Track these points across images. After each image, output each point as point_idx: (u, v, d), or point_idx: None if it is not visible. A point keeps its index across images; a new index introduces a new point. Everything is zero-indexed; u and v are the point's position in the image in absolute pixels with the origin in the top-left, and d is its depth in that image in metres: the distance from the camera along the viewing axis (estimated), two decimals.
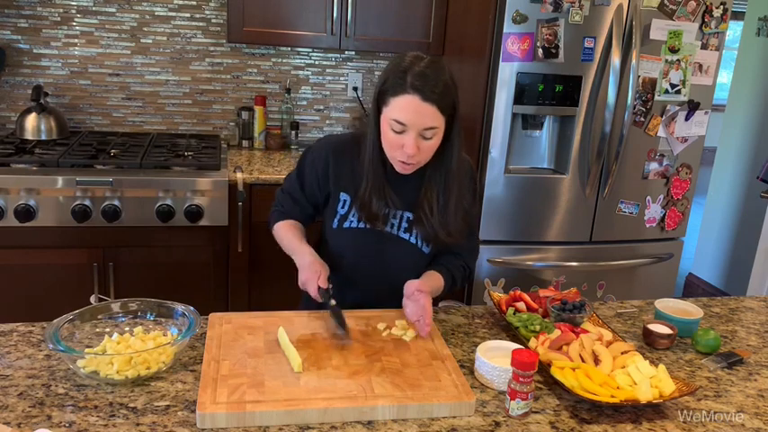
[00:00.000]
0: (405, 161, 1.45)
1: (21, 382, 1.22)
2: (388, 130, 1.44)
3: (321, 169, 1.61)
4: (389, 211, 1.57)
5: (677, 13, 2.53)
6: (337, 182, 1.60)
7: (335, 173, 1.60)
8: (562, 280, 2.71)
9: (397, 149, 1.44)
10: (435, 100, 1.39)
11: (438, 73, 1.42)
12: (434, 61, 1.45)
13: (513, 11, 2.38)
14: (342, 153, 1.59)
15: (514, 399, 1.19)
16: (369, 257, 1.60)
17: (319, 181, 1.62)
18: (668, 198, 2.76)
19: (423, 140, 1.43)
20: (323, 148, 1.63)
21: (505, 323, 1.57)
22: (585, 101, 2.55)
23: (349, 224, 1.59)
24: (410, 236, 1.59)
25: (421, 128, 1.41)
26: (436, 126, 1.42)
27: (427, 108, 1.39)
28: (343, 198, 1.60)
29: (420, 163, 1.48)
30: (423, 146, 1.44)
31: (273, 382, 1.21)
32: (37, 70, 2.92)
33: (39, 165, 2.45)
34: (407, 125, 1.40)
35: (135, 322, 1.40)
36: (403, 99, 1.39)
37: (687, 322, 1.56)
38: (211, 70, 3.07)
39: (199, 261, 2.60)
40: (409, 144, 1.41)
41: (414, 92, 1.38)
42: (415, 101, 1.39)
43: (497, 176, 2.56)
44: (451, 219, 1.54)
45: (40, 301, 2.46)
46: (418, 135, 1.42)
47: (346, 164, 1.58)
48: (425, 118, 1.40)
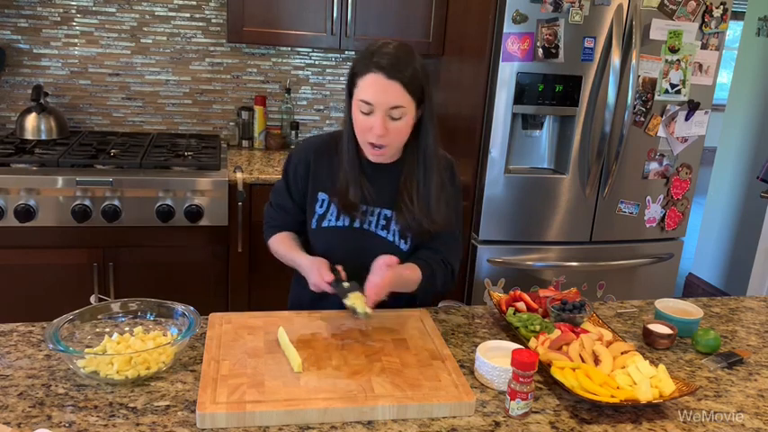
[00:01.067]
0: (374, 143, 1.46)
1: (21, 382, 1.22)
2: (358, 113, 1.45)
3: (303, 171, 1.62)
4: (367, 208, 1.58)
5: (677, 13, 2.53)
6: (316, 182, 1.61)
7: (315, 173, 1.61)
8: (562, 280, 2.71)
9: (366, 132, 1.46)
10: (400, 78, 1.40)
11: (405, 55, 1.44)
12: (403, 45, 1.47)
13: (513, 11, 2.38)
14: (322, 153, 1.61)
15: (514, 399, 1.19)
16: (348, 256, 1.59)
17: (304, 183, 1.63)
18: (668, 198, 2.76)
19: (391, 121, 1.44)
20: (303, 151, 1.64)
21: (505, 323, 1.57)
22: (585, 101, 2.55)
23: (327, 223, 1.60)
24: (387, 233, 1.59)
25: (387, 106, 1.42)
26: (403, 105, 1.42)
27: (392, 86, 1.40)
28: (322, 198, 1.60)
29: (390, 147, 1.48)
30: (391, 127, 1.44)
31: (273, 382, 1.21)
32: (37, 70, 2.92)
33: (39, 165, 2.45)
34: (374, 104, 1.42)
35: (135, 322, 1.40)
36: (368, 78, 1.42)
37: (687, 322, 1.56)
38: (211, 70, 3.07)
39: (199, 261, 2.60)
40: (377, 124, 1.42)
41: (378, 70, 1.40)
42: (380, 78, 1.41)
43: (497, 176, 2.56)
44: (434, 204, 1.54)
45: (40, 301, 2.46)
46: (386, 115, 1.43)
47: (325, 163, 1.59)
48: (390, 96, 1.41)
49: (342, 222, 1.59)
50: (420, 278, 1.54)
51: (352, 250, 1.59)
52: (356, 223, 1.59)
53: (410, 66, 1.43)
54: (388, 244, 1.59)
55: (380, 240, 1.59)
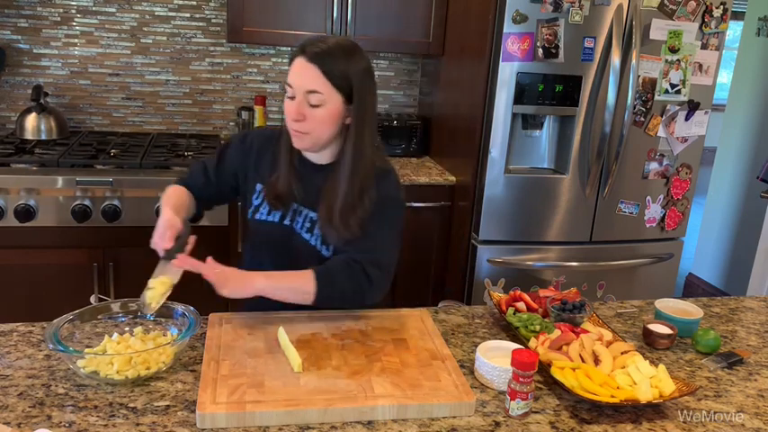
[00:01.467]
0: (293, 128, 1.45)
1: (21, 382, 1.22)
2: (286, 99, 1.45)
3: (244, 157, 1.61)
4: (298, 207, 1.56)
5: (677, 13, 2.53)
6: (256, 173, 1.60)
7: (256, 164, 1.60)
8: (562, 280, 2.71)
9: (289, 117, 1.45)
10: (319, 62, 1.39)
11: (340, 51, 1.42)
12: (346, 45, 1.44)
13: (513, 11, 2.38)
14: (268, 145, 1.59)
15: (514, 399, 1.19)
16: (277, 251, 1.59)
17: (238, 168, 1.62)
18: (668, 198, 2.76)
19: (309, 108, 1.42)
20: (251, 138, 1.63)
21: (505, 323, 1.57)
22: (585, 101, 2.55)
23: (260, 215, 1.59)
24: (311, 236, 1.55)
25: (304, 89, 1.41)
26: (320, 92, 1.40)
27: (310, 69, 1.39)
28: (259, 189, 1.60)
29: (310, 136, 1.45)
30: (309, 113, 1.42)
31: (273, 382, 1.21)
32: (37, 70, 2.92)
33: (39, 165, 2.45)
34: (293, 86, 1.42)
35: (135, 322, 1.40)
36: (294, 62, 1.43)
37: (687, 322, 1.56)
38: (211, 70, 3.07)
39: (199, 261, 2.59)
40: (294, 108, 1.42)
41: (301, 53, 1.41)
42: (300, 61, 1.41)
43: (497, 176, 2.56)
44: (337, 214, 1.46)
45: (40, 301, 2.46)
46: (303, 100, 1.41)
47: (267, 157, 1.58)
48: (307, 79, 1.40)
49: (273, 217, 1.57)
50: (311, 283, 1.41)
51: (278, 247, 1.58)
52: (286, 221, 1.57)
53: (340, 59, 1.41)
54: (310, 247, 1.55)
55: (303, 242, 1.55)
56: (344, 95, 1.43)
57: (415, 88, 3.33)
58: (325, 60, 1.39)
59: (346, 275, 1.44)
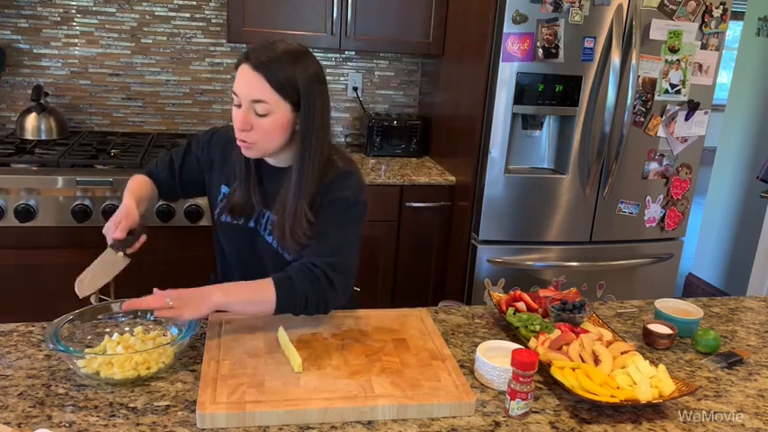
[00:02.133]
0: (239, 137, 1.42)
1: (21, 382, 1.22)
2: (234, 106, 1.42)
3: (208, 156, 1.61)
4: (261, 209, 1.54)
5: (677, 13, 2.53)
6: (220, 175, 1.59)
7: (220, 165, 1.59)
8: (562, 280, 2.71)
9: (236, 126, 1.42)
10: (264, 71, 1.35)
11: (287, 57, 1.38)
12: (294, 51, 1.41)
13: (513, 11, 2.38)
14: (230, 147, 1.55)
15: (514, 399, 1.19)
16: (240, 253, 1.59)
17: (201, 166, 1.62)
18: (668, 198, 2.76)
19: (255, 117, 1.38)
20: (216, 138, 1.62)
21: (505, 323, 1.57)
22: (585, 101, 2.55)
23: (225, 218, 1.59)
24: (272, 239, 1.53)
25: (249, 99, 1.38)
26: (265, 101, 1.37)
27: (255, 77, 1.35)
28: (223, 191, 1.59)
29: (257, 144, 1.42)
30: (256, 123, 1.39)
31: (273, 382, 1.21)
32: (37, 70, 2.92)
33: (39, 165, 2.45)
34: (239, 95, 1.39)
35: (135, 322, 1.40)
36: (239, 69, 1.39)
37: (687, 322, 1.56)
38: (211, 70, 3.07)
39: (199, 261, 2.59)
40: (239, 117, 1.39)
41: (246, 61, 1.38)
42: (246, 69, 1.38)
43: (497, 176, 2.56)
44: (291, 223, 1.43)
45: (40, 301, 2.45)
46: (249, 108, 1.38)
47: (230, 158, 1.56)
48: (252, 88, 1.36)
49: (236, 220, 1.57)
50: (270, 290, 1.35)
51: (243, 249, 1.58)
52: (251, 223, 1.56)
53: (287, 66, 1.37)
54: (272, 250, 1.53)
55: (266, 245, 1.54)
56: (292, 103, 1.39)
57: (415, 88, 3.33)
58: (271, 68, 1.35)
59: (307, 281, 1.38)
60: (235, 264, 1.63)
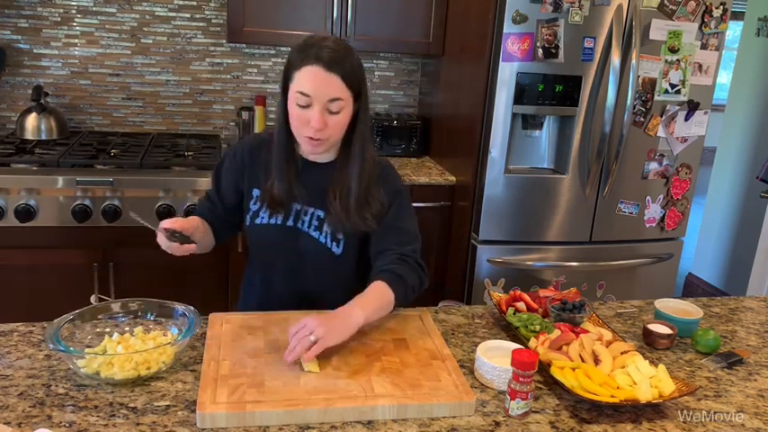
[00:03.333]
0: (312, 136, 1.42)
1: (21, 382, 1.22)
2: (294, 106, 1.42)
3: (238, 168, 1.60)
4: (301, 207, 1.55)
5: (677, 13, 2.53)
6: (251, 179, 1.59)
7: (250, 170, 1.59)
8: (562, 280, 2.71)
9: (304, 125, 1.42)
10: (339, 71, 1.38)
11: (344, 49, 1.42)
12: (340, 40, 1.46)
13: (513, 11, 2.38)
14: (258, 150, 1.58)
15: (514, 399, 1.19)
16: (282, 254, 1.58)
17: (236, 180, 1.61)
18: (668, 198, 2.76)
19: (329, 115, 1.41)
20: (241, 148, 1.62)
21: (505, 323, 1.57)
22: (585, 101, 2.55)
23: (260, 220, 1.57)
24: (320, 234, 1.55)
25: (325, 99, 1.39)
26: (341, 98, 1.40)
27: (331, 78, 1.38)
28: (255, 194, 1.58)
29: (329, 140, 1.45)
30: (330, 121, 1.42)
31: (273, 382, 1.21)
32: (37, 70, 2.92)
33: (39, 165, 2.45)
34: (312, 96, 1.39)
35: (135, 322, 1.40)
36: (306, 70, 1.39)
37: (687, 322, 1.56)
38: (211, 70, 3.07)
39: (199, 261, 2.58)
40: (315, 118, 1.40)
41: (317, 62, 1.38)
42: (319, 71, 1.38)
43: (497, 176, 2.56)
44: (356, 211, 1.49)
45: (40, 301, 2.46)
46: (324, 108, 1.40)
47: (261, 160, 1.57)
48: (330, 88, 1.39)
49: (274, 220, 1.56)
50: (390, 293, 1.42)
51: (285, 249, 1.57)
52: (289, 222, 1.56)
53: (348, 60, 1.41)
54: (320, 246, 1.55)
55: (312, 241, 1.55)
56: (355, 95, 1.44)
57: (415, 88, 3.33)
58: (342, 65, 1.39)
59: (409, 271, 1.48)
60: (276, 265, 1.61)
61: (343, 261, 1.57)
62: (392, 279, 1.43)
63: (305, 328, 1.27)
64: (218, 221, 1.63)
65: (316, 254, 1.56)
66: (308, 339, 1.25)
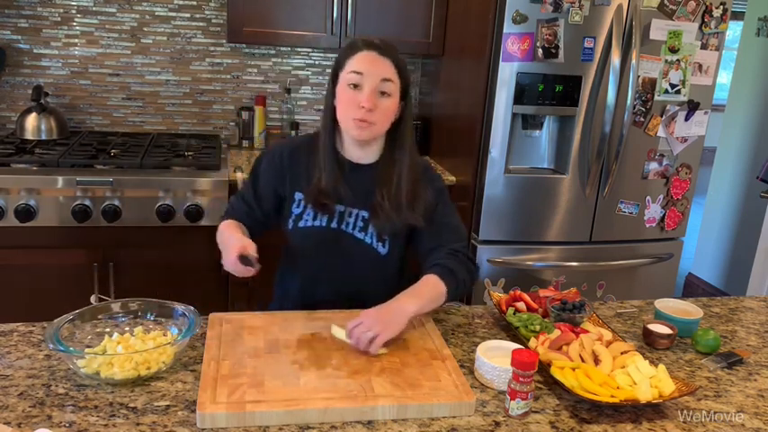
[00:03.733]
0: (361, 117, 1.44)
1: (21, 382, 1.22)
2: (345, 89, 1.46)
3: (277, 171, 1.60)
4: (345, 209, 1.56)
5: (677, 13, 2.53)
6: (293, 182, 1.59)
7: (291, 173, 1.59)
8: (562, 280, 2.71)
9: (354, 107, 1.45)
10: (392, 57, 1.46)
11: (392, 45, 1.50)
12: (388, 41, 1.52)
13: (513, 11, 2.38)
14: (298, 153, 1.59)
15: (514, 399, 1.19)
16: (327, 256, 1.59)
17: (275, 184, 1.60)
18: (668, 198, 2.76)
19: (380, 97, 1.45)
20: (279, 151, 1.62)
21: (505, 323, 1.57)
22: (585, 101, 2.55)
23: (304, 223, 1.57)
24: (365, 235, 1.57)
25: (378, 78, 1.44)
26: (392, 80, 1.46)
27: (383, 61, 1.46)
28: (298, 197, 1.58)
29: (376, 125, 1.47)
30: (380, 104, 1.46)
31: (273, 382, 1.21)
32: (37, 70, 2.92)
33: (39, 165, 2.45)
34: (365, 74, 1.44)
35: (135, 322, 1.40)
36: (361, 54, 1.46)
37: (687, 322, 1.56)
38: (211, 70, 3.07)
39: (199, 261, 2.59)
40: (366, 97, 1.44)
41: (371, 47, 1.46)
42: (371, 54, 1.46)
43: (497, 176, 2.56)
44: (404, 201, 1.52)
45: (40, 301, 2.46)
46: (375, 89, 1.44)
47: (302, 164, 1.58)
48: (382, 68, 1.45)
49: (319, 222, 1.56)
50: (438, 287, 1.46)
51: (330, 251, 1.58)
52: (333, 224, 1.56)
53: (398, 53, 1.49)
54: (366, 246, 1.57)
55: (358, 242, 1.57)
56: (402, 90, 1.50)
57: (414, 88, 3.33)
58: (394, 54, 1.47)
59: (458, 265, 1.51)
60: (320, 267, 1.61)
61: (388, 261, 1.60)
62: (444, 273, 1.47)
63: (362, 326, 1.33)
64: (255, 225, 1.63)
65: (361, 255, 1.58)
66: (367, 336, 1.31)
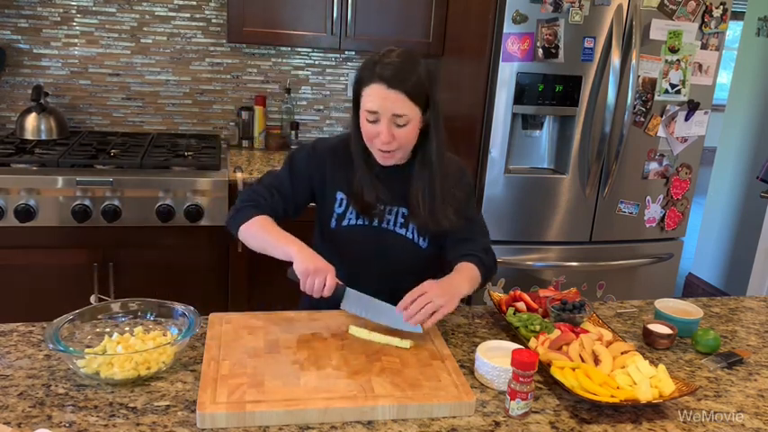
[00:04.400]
0: (382, 149, 1.49)
1: (21, 382, 1.22)
2: (365, 122, 1.48)
3: (318, 168, 1.62)
4: (384, 207, 1.59)
5: (677, 13, 2.53)
6: (333, 183, 1.61)
7: (332, 174, 1.61)
8: (562, 280, 2.71)
9: (374, 138, 1.49)
10: (402, 87, 1.43)
11: (408, 63, 1.47)
12: (407, 53, 1.50)
13: (513, 11, 2.38)
14: (338, 154, 1.62)
15: (514, 399, 1.19)
16: (369, 254, 1.61)
17: (312, 180, 1.62)
18: (668, 198, 2.76)
19: (396, 128, 1.46)
20: (320, 148, 1.63)
21: (505, 323, 1.57)
22: (585, 101, 2.55)
23: (347, 222, 1.61)
24: (406, 231, 1.61)
25: (390, 114, 1.45)
26: (406, 113, 1.45)
27: (395, 95, 1.44)
28: (340, 197, 1.61)
29: (399, 151, 1.51)
30: (397, 133, 1.47)
31: (273, 382, 1.21)
32: (37, 70, 2.92)
33: (39, 165, 2.45)
34: (378, 112, 1.45)
35: (135, 322, 1.40)
36: (371, 89, 1.45)
37: (687, 322, 1.56)
38: (211, 70, 3.07)
39: (199, 261, 2.60)
40: (383, 132, 1.46)
41: (380, 80, 1.44)
42: (381, 89, 1.44)
43: (497, 176, 2.56)
44: (438, 207, 1.55)
45: (40, 301, 2.46)
46: (390, 122, 1.45)
47: (341, 165, 1.60)
48: (393, 104, 1.44)
49: (362, 221, 1.61)
50: (476, 273, 1.55)
51: (373, 248, 1.61)
52: (375, 222, 1.61)
53: (413, 74, 1.45)
54: (408, 242, 1.61)
55: (400, 238, 1.61)
56: (423, 106, 1.48)
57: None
58: (405, 82, 1.43)
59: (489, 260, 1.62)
60: (361, 264, 1.62)
61: (429, 254, 1.64)
62: (478, 263, 1.56)
63: (426, 296, 1.37)
64: (284, 214, 1.62)
65: (403, 250, 1.61)
66: (433, 306, 1.37)
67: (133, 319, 1.41)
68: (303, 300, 1.74)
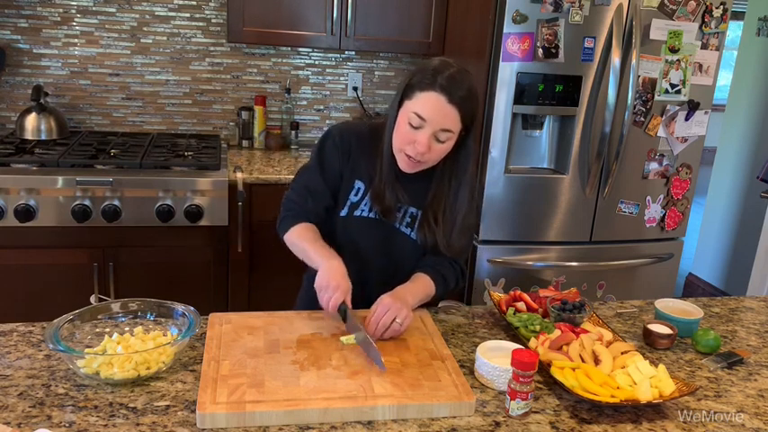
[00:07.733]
0: (412, 156, 1.46)
1: (21, 382, 1.22)
2: (405, 123, 1.45)
3: (344, 154, 1.58)
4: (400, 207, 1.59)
5: (677, 13, 2.53)
6: (354, 168, 1.58)
7: (355, 159, 1.58)
8: (562, 280, 2.71)
9: (407, 143, 1.45)
10: (459, 105, 1.41)
11: (466, 80, 1.45)
12: (464, 70, 1.47)
13: (513, 11, 2.38)
14: (363, 142, 1.59)
15: (514, 399, 1.19)
16: (374, 248, 1.61)
17: (341, 166, 1.58)
18: (668, 198, 2.76)
19: (436, 142, 1.44)
20: (345, 135, 1.60)
21: (505, 323, 1.57)
22: (585, 101, 2.55)
23: (360, 212, 1.59)
24: (411, 231, 1.60)
25: (438, 127, 1.42)
26: (453, 130, 1.44)
27: (450, 110, 1.41)
28: (358, 186, 1.59)
29: (426, 164, 1.49)
30: (435, 147, 1.45)
31: (273, 382, 1.21)
32: (37, 70, 2.92)
33: (39, 165, 2.45)
34: (427, 120, 1.42)
35: (135, 322, 1.40)
36: (429, 95, 1.41)
37: (687, 322, 1.56)
38: (211, 70, 3.07)
39: (199, 261, 2.60)
40: (422, 141, 1.43)
41: (442, 91, 1.40)
42: (440, 100, 1.41)
43: (497, 176, 2.56)
44: (455, 236, 1.56)
45: (40, 301, 2.46)
46: (433, 135, 1.43)
47: (365, 152, 1.57)
48: (446, 119, 1.42)
49: (373, 214, 1.59)
50: (431, 289, 1.55)
51: (376, 242, 1.60)
52: None
53: (474, 102, 1.45)
54: (411, 242, 1.61)
55: (403, 237, 1.61)
56: (467, 126, 1.48)
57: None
58: (465, 105, 1.42)
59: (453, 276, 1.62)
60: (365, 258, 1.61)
61: None
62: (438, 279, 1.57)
63: (390, 312, 1.38)
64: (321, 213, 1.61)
65: (404, 248, 1.61)
66: (397, 324, 1.38)
67: (133, 319, 1.41)
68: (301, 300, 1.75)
